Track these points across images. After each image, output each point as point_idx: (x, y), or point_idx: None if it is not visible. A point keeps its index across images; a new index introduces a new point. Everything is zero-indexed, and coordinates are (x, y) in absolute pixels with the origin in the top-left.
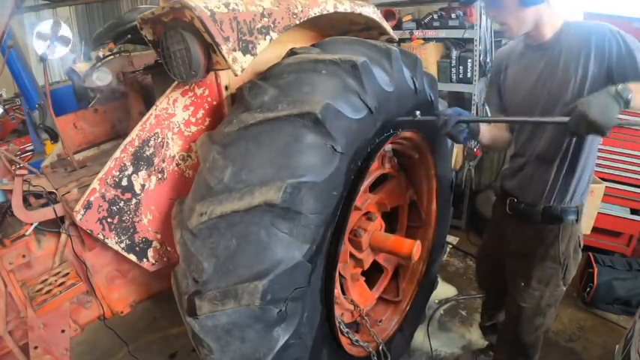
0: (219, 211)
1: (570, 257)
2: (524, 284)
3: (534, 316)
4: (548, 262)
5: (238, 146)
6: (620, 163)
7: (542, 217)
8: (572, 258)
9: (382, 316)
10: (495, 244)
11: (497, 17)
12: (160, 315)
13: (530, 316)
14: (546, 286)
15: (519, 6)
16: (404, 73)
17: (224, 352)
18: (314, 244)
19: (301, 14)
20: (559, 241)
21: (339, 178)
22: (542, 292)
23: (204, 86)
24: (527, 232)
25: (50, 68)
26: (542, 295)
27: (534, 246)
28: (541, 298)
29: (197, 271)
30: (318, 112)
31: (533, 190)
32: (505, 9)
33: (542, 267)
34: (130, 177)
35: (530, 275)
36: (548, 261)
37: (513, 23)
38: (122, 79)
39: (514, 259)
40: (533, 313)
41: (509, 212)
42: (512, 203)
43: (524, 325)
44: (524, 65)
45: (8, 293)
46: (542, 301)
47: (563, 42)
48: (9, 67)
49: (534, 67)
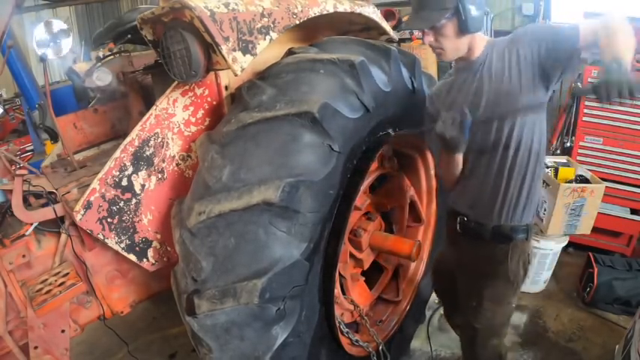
0: (217, 210)
1: (519, 275)
2: (477, 304)
3: (489, 337)
4: (498, 281)
5: (237, 145)
6: (620, 163)
7: (492, 235)
8: (520, 276)
9: (382, 316)
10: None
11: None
12: (160, 315)
13: (485, 337)
14: (498, 305)
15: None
16: (402, 72)
17: (223, 350)
18: (312, 243)
19: (301, 14)
20: (509, 259)
21: (337, 177)
22: (494, 311)
23: (204, 86)
24: (477, 251)
25: (50, 68)
26: (495, 314)
27: (485, 264)
28: (494, 317)
29: (196, 270)
30: (316, 111)
31: (483, 208)
32: (443, 36)
33: (493, 286)
34: (130, 177)
35: (481, 294)
36: (499, 279)
37: (450, 49)
38: (122, 79)
39: (465, 277)
40: (488, 334)
41: (459, 231)
42: (462, 222)
43: (480, 346)
44: (457, 88)
45: (8, 293)
46: (495, 320)
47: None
48: (9, 67)
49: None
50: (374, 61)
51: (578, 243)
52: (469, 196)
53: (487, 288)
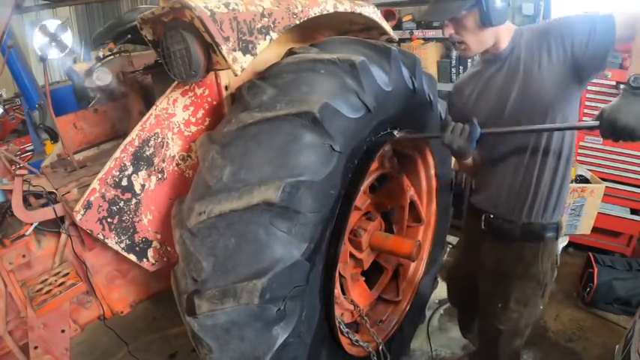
0: (217, 210)
1: (549, 276)
2: (502, 306)
3: (513, 338)
4: (527, 282)
5: (237, 146)
6: (620, 163)
7: (521, 233)
8: (550, 277)
9: (382, 316)
10: (468, 263)
11: (455, 36)
12: (160, 315)
13: (508, 338)
14: (525, 307)
15: (481, 26)
16: (402, 72)
17: (223, 351)
18: (312, 243)
19: (301, 14)
20: (539, 259)
21: (338, 177)
22: (521, 313)
23: (204, 86)
24: (504, 251)
25: (50, 68)
26: (521, 316)
27: (512, 265)
28: (519, 319)
29: (196, 271)
30: (317, 111)
31: (511, 205)
32: (464, 28)
33: (521, 287)
34: (130, 177)
35: (507, 296)
36: (527, 280)
37: (473, 43)
38: (122, 79)
39: (489, 279)
40: (512, 335)
41: (484, 229)
42: (488, 219)
43: (502, 347)
44: (483, 82)
45: (8, 293)
46: (521, 322)
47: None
48: (9, 67)
49: (495, 81)
50: (374, 61)
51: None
52: (495, 193)
53: (514, 289)
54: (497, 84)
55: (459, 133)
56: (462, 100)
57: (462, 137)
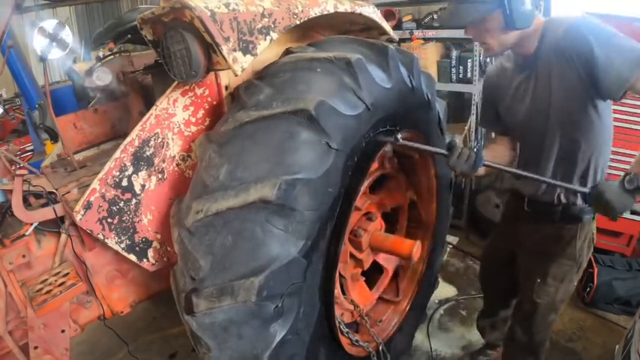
0: (214, 208)
1: (584, 254)
2: (540, 281)
3: (548, 312)
4: (564, 260)
5: (234, 144)
6: (620, 163)
7: (561, 216)
8: (585, 255)
9: (382, 316)
10: (506, 242)
11: (477, 38)
12: (160, 315)
13: (544, 312)
14: (561, 282)
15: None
16: (400, 70)
17: (222, 349)
18: (309, 240)
19: (301, 14)
20: (576, 239)
21: (336, 175)
22: (557, 287)
23: (204, 86)
24: (544, 231)
25: (50, 68)
26: (557, 290)
27: (551, 244)
28: (556, 293)
29: (194, 269)
30: (312, 109)
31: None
32: (485, 31)
33: (559, 264)
34: (130, 177)
35: (546, 272)
36: (565, 258)
37: (494, 44)
38: (122, 79)
39: (529, 257)
40: (547, 309)
41: (526, 209)
42: (530, 203)
43: (538, 322)
44: (515, 86)
45: (8, 293)
46: (557, 296)
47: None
48: (9, 67)
49: (526, 86)
50: (371, 59)
51: None
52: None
53: (552, 266)
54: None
55: (464, 159)
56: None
57: (467, 164)
